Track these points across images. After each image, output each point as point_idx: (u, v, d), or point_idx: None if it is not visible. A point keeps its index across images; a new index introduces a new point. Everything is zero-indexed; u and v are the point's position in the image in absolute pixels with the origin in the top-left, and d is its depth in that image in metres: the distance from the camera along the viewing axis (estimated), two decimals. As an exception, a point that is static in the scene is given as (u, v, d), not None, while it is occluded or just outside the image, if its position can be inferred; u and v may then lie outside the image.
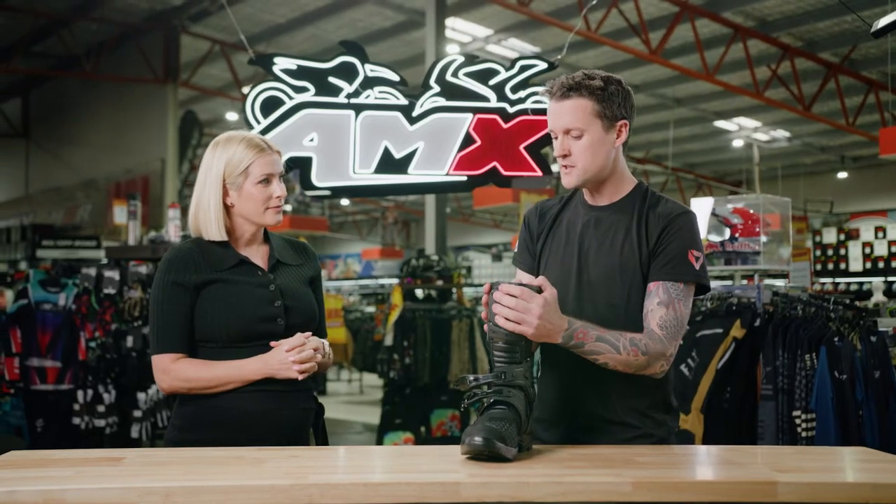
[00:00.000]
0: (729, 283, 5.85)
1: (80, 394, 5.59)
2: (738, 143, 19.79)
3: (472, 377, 2.11)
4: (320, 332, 2.61)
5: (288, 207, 16.38)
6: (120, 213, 7.05)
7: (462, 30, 13.55)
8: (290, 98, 4.01)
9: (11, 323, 5.67)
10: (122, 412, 5.69)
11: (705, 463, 2.02)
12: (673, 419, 2.36)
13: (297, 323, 2.49)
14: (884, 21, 3.36)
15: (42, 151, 18.92)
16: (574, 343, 2.13)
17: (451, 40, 13.81)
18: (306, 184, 4.03)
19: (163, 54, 14.57)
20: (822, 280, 13.40)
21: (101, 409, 5.57)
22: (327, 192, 4.29)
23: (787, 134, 19.37)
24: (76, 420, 5.53)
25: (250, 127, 3.98)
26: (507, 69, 4.33)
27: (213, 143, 2.52)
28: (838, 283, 13.66)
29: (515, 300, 2.05)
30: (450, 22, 13.09)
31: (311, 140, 4.04)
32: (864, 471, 1.91)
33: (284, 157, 4.03)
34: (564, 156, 2.32)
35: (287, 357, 2.39)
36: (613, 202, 2.38)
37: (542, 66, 4.24)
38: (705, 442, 4.17)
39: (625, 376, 2.25)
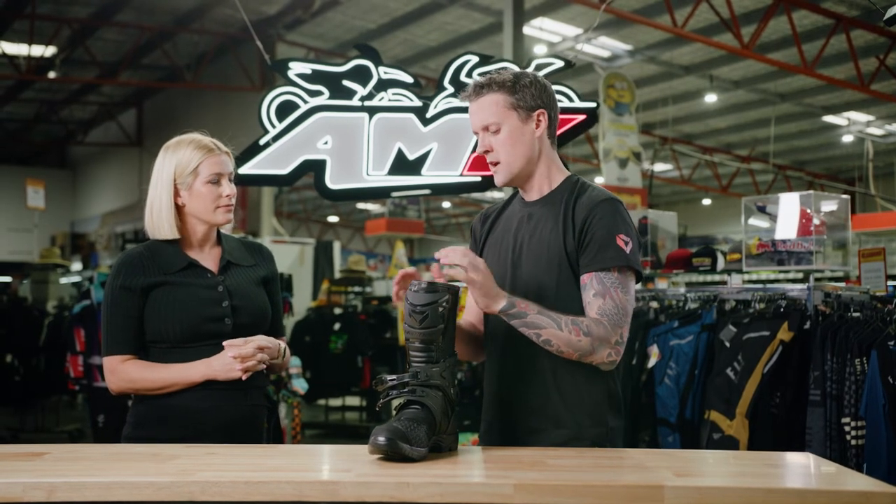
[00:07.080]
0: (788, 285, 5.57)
1: (134, 391, 5.78)
2: (848, 138, 18.92)
3: (389, 377, 2.10)
4: (274, 331, 2.64)
5: (384, 209, 16.55)
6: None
7: (551, 29, 13.44)
8: (305, 102, 4.07)
9: (76, 322, 5.95)
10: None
11: (613, 467, 1.95)
12: (615, 420, 2.29)
13: (246, 322, 2.52)
14: (894, 9, 3.18)
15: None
16: (516, 311, 2.11)
17: (540, 41, 13.72)
18: (321, 186, 4.08)
19: (259, 63, 15.01)
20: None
21: (153, 406, 5.76)
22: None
23: (903, 127, 18.44)
24: (131, 417, 5.72)
25: (266, 131, 4.06)
26: (522, 69, 4.25)
27: (164, 148, 2.60)
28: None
29: (462, 252, 2.09)
30: (538, 22, 13.02)
31: (326, 143, 4.08)
32: (770, 476, 1.80)
33: (300, 160, 4.17)
34: (487, 152, 2.33)
35: (229, 359, 2.43)
36: (544, 195, 2.36)
37: (559, 64, 4.16)
38: (751, 448, 4.01)
39: (564, 374, 2.21)
